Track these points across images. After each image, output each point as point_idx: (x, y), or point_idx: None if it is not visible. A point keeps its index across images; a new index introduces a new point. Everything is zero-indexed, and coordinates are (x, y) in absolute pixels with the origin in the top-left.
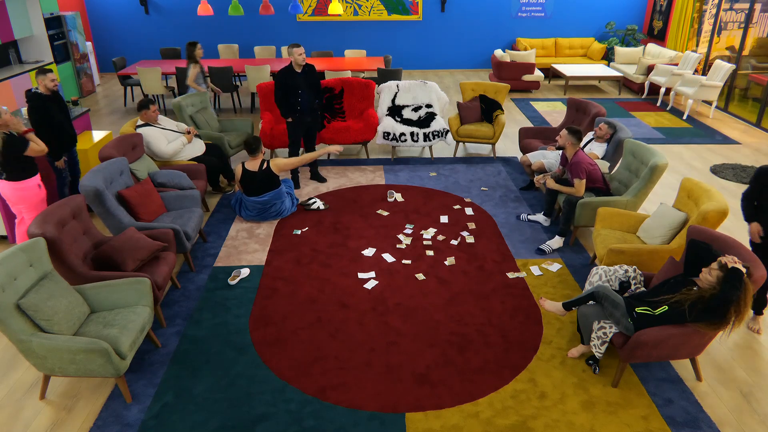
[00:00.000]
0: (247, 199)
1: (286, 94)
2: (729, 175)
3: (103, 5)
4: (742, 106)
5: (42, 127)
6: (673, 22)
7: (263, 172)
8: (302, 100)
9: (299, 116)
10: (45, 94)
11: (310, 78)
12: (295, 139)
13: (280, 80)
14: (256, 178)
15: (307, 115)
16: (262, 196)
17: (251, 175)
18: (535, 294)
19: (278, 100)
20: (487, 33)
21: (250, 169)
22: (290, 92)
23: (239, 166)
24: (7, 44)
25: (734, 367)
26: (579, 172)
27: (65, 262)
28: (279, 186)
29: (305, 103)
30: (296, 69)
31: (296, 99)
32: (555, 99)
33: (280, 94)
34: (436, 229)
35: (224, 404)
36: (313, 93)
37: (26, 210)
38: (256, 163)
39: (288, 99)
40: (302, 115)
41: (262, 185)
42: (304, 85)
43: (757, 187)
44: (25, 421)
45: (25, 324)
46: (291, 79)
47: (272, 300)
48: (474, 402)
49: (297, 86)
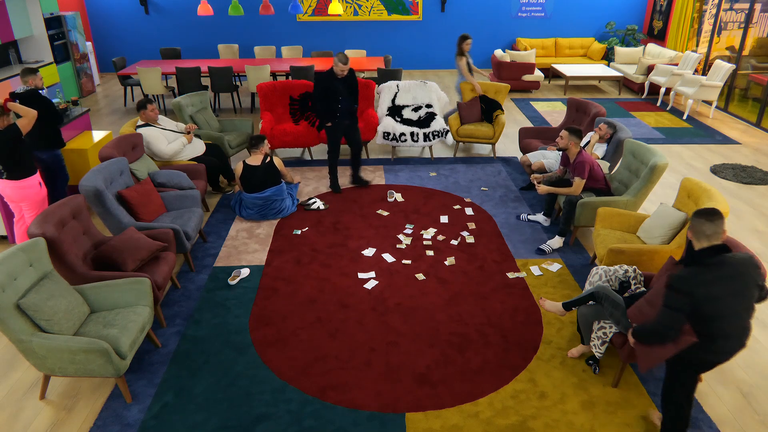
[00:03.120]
0: (247, 196)
1: (326, 99)
2: (729, 175)
3: (103, 5)
4: (742, 106)
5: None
6: (673, 22)
7: (266, 166)
8: (342, 106)
9: (338, 121)
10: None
11: (350, 82)
12: (334, 142)
13: (320, 85)
14: (258, 173)
15: (346, 118)
16: (262, 192)
17: (252, 169)
18: (535, 294)
19: (317, 105)
20: (487, 33)
21: (251, 164)
22: (330, 97)
23: (240, 163)
24: (7, 44)
25: (734, 367)
26: (582, 171)
27: (65, 262)
28: (280, 182)
29: (345, 108)
30: (337, 75)
31: (336, 105)
32: (555, 99)
33: (321, 99)
34: (436, 229)
35: (224, 404)
36: (352, 97)
37: (27, 209)
38: (259, 158)
39: (328, 104)
40: (341, 119)
41: (263, 180)
42: (344, 91)
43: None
44: (25, 421)
45: (25, 324)
46: (331, 85)
47: (272, 300)
48: (474, 402)
49: (337, 92)
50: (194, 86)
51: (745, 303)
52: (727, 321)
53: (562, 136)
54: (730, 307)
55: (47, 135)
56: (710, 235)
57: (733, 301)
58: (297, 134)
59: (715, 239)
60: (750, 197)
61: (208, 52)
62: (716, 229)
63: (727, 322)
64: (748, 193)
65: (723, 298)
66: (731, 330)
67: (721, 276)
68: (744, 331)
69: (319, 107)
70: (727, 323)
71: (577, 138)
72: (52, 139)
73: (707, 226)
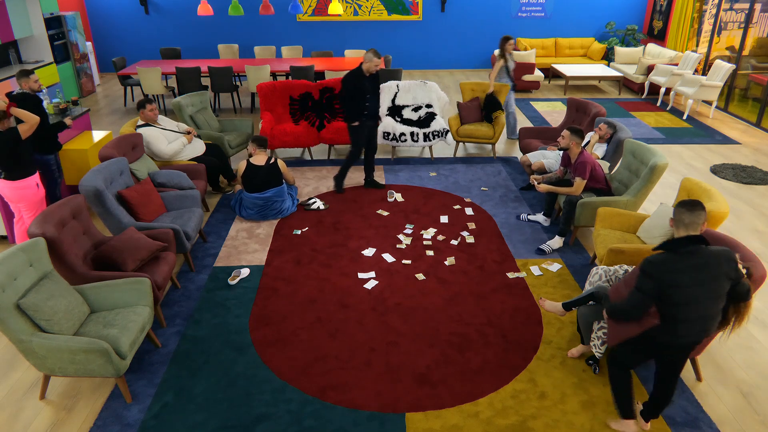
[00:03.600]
0: (248, 195)
1: (354, 98)
2: (729, 175)
3: (103, 5)
4: (742, 106)
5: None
6: (673, 22)
7: (269, 167)
8: (369, 105)
9: (364, 120)
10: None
11: (375, 82)
12: (358, 142)
13: (350, 84)
14: (261, 173)
15: (371, 119)
16: (264, 192)
17: (256, 169)
18: (535, 294)
19: (345, 103)
20: (487, 33)
21: (255, 163)
22: (359, 97)
23: (243, 162)
24: (7, 44)
25: (734, 367)
26: (583, 172)
27: (65, 262)
28: (282, 183)
29: (372, 108)
30: (365, 74)
31: (364, 104)
32: (555, 99)
33: (348, 98)
34: (436, 229)
35: (224, 404)
36: (377, 97)
37: (25, 209)
38: (263, 158)
39: (356, 103)
40: (367, 119)
41: (265, 181)
42: (371, 90)
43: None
44: (25, 421)
45: (25, 324)
46: (360, 84)
47: (272, 300)
48: (474, 402)
49: (365, 91)
50: (194, 86)
51: (712, 293)
52: (690, 308)
53: (563, 136)
54: (695, 295)
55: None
56: (688, 225)
57: (698, 290)
58: (297, 134)
59: (693, 229)
60: (750, 197)
61: (208, 52)
62: (695, 220)
63: (691, 309)
64: (748, 193)
65: (689, 286)
66: (693, 316)
67: (690, 265)
68: (707, 320)
69: (348, 106)
70: (691, 310)
71: (579, 138)
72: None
73: (686, 216)
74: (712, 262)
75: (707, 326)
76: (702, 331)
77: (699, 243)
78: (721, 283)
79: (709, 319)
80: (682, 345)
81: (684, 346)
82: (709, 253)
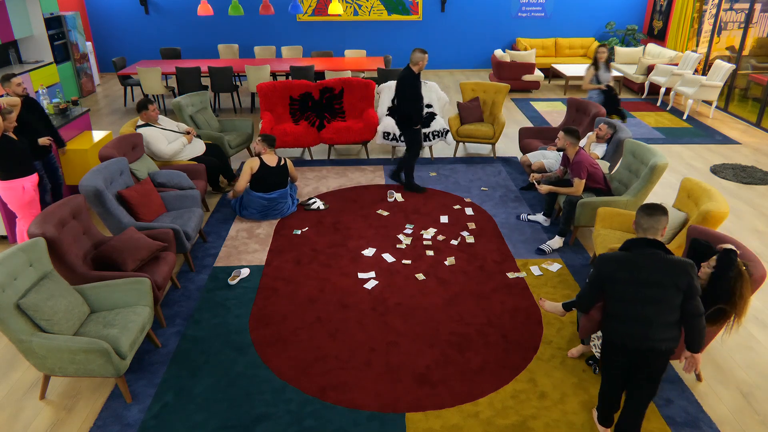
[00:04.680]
0: (254, 194)
1: (415, 99)
2: (729, 175)
3: (103, 5)
4: (742, 106)
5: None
6: (673, 22)
7: (280, 168)
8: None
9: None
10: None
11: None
12: (419, 143)
13: (408, 87)
14: (273, 173)
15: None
16: (270, 192)
17: (269, 170)
18: (535, 294)
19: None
20: (487, 33)
21: (268, 164)
22: (416, 98)
23: (256, 160)
24: (7, 44)
25: (734, 367)
26: (580, 172)
27: (65, 262)
28: (287, 186)
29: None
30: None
31: (420, 104)
32: (555, 99)
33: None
34: (436, 229)
35: (224, 404)
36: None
37: (15, 210)
38: (273, 158)
39: (415, 105)
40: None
41: (277, 182)
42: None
43: None
44: (25, 421)
45: (25, 324)
46: (416, 84)
47: (272, 300)
48: (474, 402)
49: (420, 90)
50: (194, 86)
51: (650, 298)
52: (624, 305)
53: (559, 137)
54: (628, 293)
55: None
56: (646, 229)
57: (633, 289)
58: (297, 134)
59: (651, 233)
60: (750, 197)
61: (208, 52)
62: (653, 224)
63: (624, 307)
64: (748, 193)
65: (625, 283)
66: (628, 315)
67: (634, 263)
68: (647, 325)
69: (410, 108)
70: (625, 308)
71: (574, 138)
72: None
73: (644, 220)
74: (658, 267)
75: (649, 333)
76: (645, 338)
77: (656, 248)
78: (667, 291)
79: (649, 325)
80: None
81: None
82: (660, 258)
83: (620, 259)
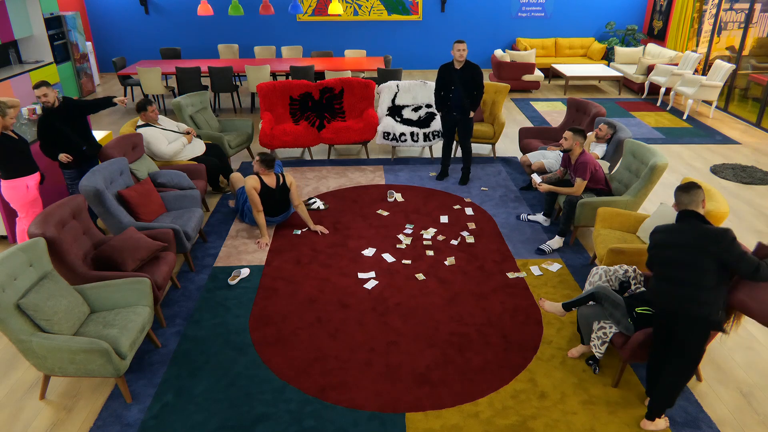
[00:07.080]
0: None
1: (441, 88)
2: (729, 175)
3: (103, 5)
4: (742, 106)
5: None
6: (673, 22)
7: (281, 188)
8: (453, 96)
9: (448, 111)
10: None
11: (467, 75)
12: (444, 133)
13: (439, 74)
14: (275, 196)
15: (456, 111)
16: (276, 217)
17: (271, 192)
18: (535, 294)
19: (436, 93)
20: (487, 33)
21: (269, 185)
22: (445, 87)
23: (255, 179)
24: (7, 44)
25: (734, 367)
26: (584, 172)
27: (65, 262)
28: (290, 208)
29: (456, 100)
30: (455, 65)
31: (448, 94)
32: (555, 99)
33: (437, 88)
34: (436, 229)
35: (224, 404)
36: (467, 90)
37: (17, 209)
38: (273, 179)
39: (442, 93)
40: (450, 110)
41: (277, 201)
42: (458, 82)
43: None
44: (25, 421)
45: (25, 324)
46: (448, 75)
47: (272, 300)
48: (474, 402)
49: (452, 82)
50: (194, 86)
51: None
52: (664, 267)
53: (566, 137)
54: (667, 256)
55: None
56: (687, 203)
57: (671, 252)
58: (297, 134)
59: (694, 207)
60: (750, 197)
61: (208, 52)
62: (693, 198)
63: (665, 269)
64: (748, 193)
65: (666, 246)
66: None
67: (675, 230)
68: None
69: (435, 96)
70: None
71: (582, 138)
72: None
73: (684, 197)
74: (694, 234)
75: (685, 293)
76: (680, 298)
77: (693, 218)
78: (702, 257)
79: (684, 286)
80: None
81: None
82: (696, 226)
83: (667, 228)
